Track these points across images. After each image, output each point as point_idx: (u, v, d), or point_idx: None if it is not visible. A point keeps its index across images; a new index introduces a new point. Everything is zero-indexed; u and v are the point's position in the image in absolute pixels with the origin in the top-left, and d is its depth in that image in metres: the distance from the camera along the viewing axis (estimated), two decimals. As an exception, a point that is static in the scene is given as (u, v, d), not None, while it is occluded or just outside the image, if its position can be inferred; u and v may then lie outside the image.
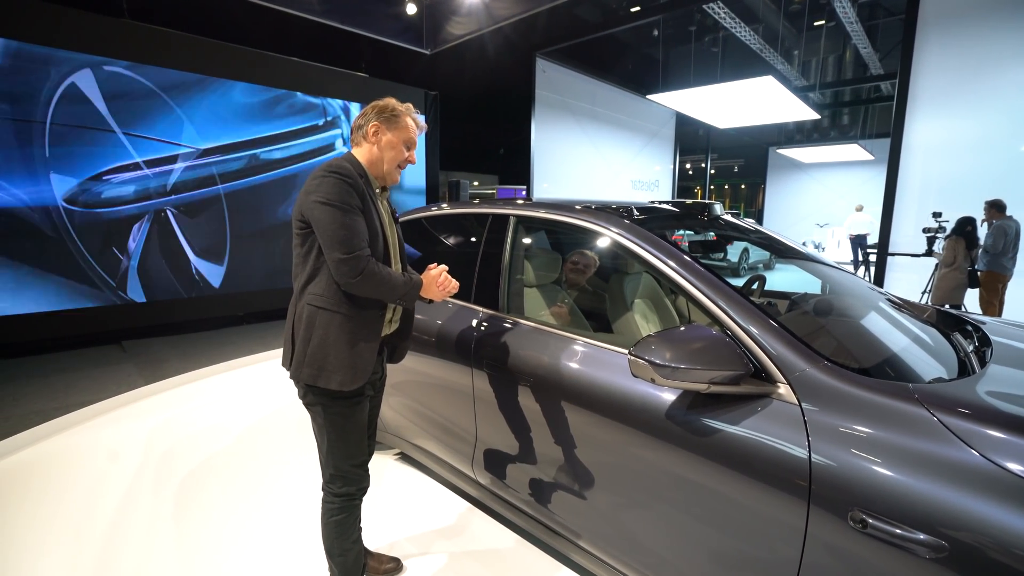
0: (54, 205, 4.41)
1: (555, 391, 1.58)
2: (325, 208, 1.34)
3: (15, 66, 4.14)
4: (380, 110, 1.48)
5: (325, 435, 1.47)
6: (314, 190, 1.36)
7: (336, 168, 1.38)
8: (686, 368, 1.17)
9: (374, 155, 1.49)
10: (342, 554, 1.53)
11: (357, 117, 1.52)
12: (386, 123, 1.48)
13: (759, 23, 11.20)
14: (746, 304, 1.34)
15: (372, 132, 1.47)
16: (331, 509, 1.51)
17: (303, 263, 1.43)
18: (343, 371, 1.40)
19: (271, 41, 5.98)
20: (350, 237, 1.34)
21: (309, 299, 1.41)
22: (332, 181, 1.36)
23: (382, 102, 1.50)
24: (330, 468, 1.49)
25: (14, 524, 2.09)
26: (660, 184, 11.20)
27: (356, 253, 1.34)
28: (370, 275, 1.36)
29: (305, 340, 1.40)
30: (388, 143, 1.48)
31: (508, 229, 1.94)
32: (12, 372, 3.95)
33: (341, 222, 1.34)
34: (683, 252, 1.50)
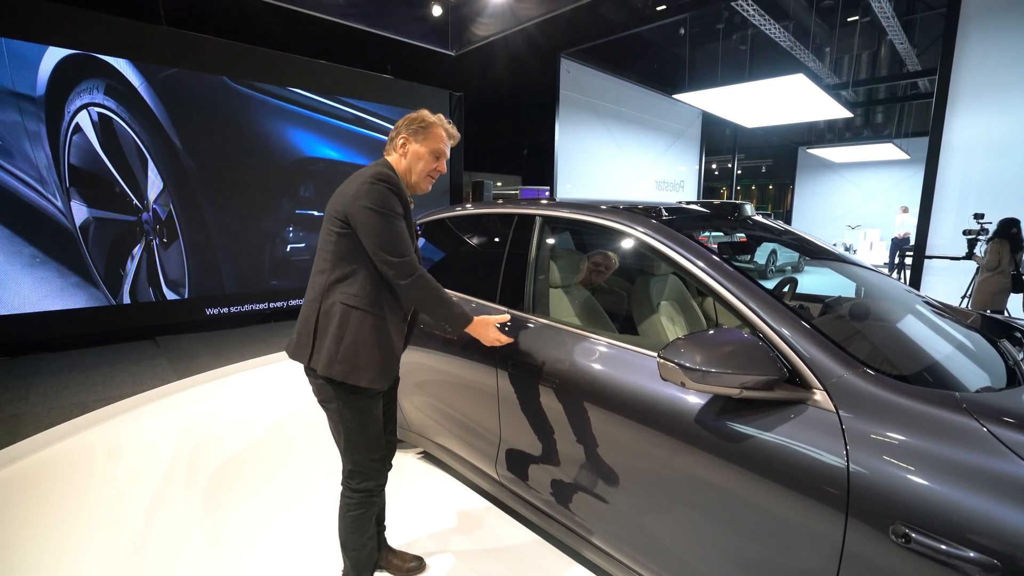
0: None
1: (580, 393, 1.57)
2: (374, 214, 1.39)
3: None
4: (410, 121, 1.52)
5: (344, 432, 1.49)
6: (363, 195, 1.40)
7: (384, 177, 1.43)
8: (717, 372, 1.14)
9: (403, 166, 1.53)
10: (357, 549, 1.56)
11: (393, 128, 1.57)
12: (414, 134, 1.52)
13: (789, 20, 10.92)
14: (780, 307, 1.30)
15: (401, 144, 1.52)
16: (349, 504, 1.54)
17: (338, 261, 1.45)
18: (373, 369, 1.44)
19: (300, 45, 6.11)
20: (400, 242, 1.41)
21: (343, 297, 1.43)
22: (381, 189, 1.41)
23: (415, 113, 1.54)
24: (349, 464, 1.53)
25: (57, 510, 2.17)
26: (685, 185, 11.03)
27: (408, 257, 1.42)
28: (423, 280, 1.43)
29: (337, 338, 1.42)
30: (415, 153, 1.52)
31: (534, 229, 1.93)
32: (58, 365, 4.13)
33: (392, 227, 1.40)
34: (713, 253, 1.47)
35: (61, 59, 4.32)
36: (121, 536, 2.01)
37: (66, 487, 2.37)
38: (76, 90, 4.42)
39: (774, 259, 9.68)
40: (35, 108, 4.23)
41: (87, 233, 4.57)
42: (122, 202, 4.75)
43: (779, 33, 9.79)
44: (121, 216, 4.76)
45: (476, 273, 2.23)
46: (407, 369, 2.35)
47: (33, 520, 2.11)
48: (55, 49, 4.29)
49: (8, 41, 4.08)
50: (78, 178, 4.48)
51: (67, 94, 4.38)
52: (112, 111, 4.63)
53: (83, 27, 4.41)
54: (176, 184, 5.05)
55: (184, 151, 5.06)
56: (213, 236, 5.33)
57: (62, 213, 4.42)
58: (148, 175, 4.88)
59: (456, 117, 7.54)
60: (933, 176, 5.01)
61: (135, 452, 2.72)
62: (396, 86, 6.85)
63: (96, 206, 4.60)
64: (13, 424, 3.01)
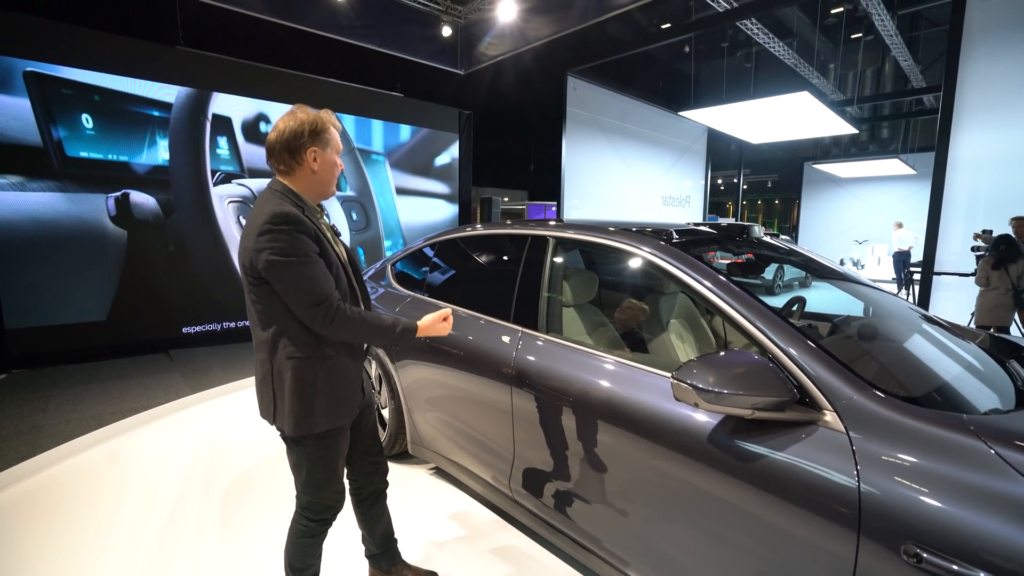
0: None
1: (594, 411, 1.60)
2: (282, 265, 1.27)
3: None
4: (313, 132, 1.36)
5: (307, 471, 1.44)
6: (266, 246, 1.27)
7: (283, 218, 1.29)
8: (729, 393, 1.17)
9: (312, 180, 1.40)
10: (303, 569, 1.53)
11: (276, 135, 1.36)
12: (321, 144, 1.38)
13: (793, 37, 11.06)
14: (789, 328, 1.34)
15: (312, 159, 1.37)
16: (303, 531, 1.50)
17: (270, 317, 1.36)
18: (331, 411, 1.40)
19: (313, 64, 6.28)
20: (314, 288, 1.30)
21: (289, 352, 1.36)
22: (286, 235, 1.28)
23: (309, 120, 1.36)
24: (308, 498, 1.48)
25: (76, 522, 2.21)
26: (691, 200, 11.08)
27: (323, 303, 1.30)
28: (343, 320, 1.33)
29: (297, 395, 1.36)
30: (326, 162, 1.40)
31: (547, 250, 1.99)
32: (75, 377, 4.21)
33: (303, 275, 1.29)
34: (724, 275, 1.51)
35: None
36: (139, 547, 2.04)
37: (85, 499, 2.41)
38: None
39: (781, 275, 9.68)
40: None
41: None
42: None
43: (783, 51, 9.91)
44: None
45: (489, 292, 2.28)
46: (419, 385, 2.39)
47: (55, 530, 2.15)
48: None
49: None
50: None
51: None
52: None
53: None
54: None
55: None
56: (225, 248, 5.43)
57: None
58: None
59: (466, 134, 7.68)
60: (940, 191, 5.03)
61: (151, 465, 2.76)
62: (406, 104, 6.99)
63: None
64: (33, 435, 3.06)
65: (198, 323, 5.34)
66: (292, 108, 1.40)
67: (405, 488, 2.49)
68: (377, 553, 1.77)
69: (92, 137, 4.56)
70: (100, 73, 4.57)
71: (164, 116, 4.94)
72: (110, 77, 4.62)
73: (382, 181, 6.81)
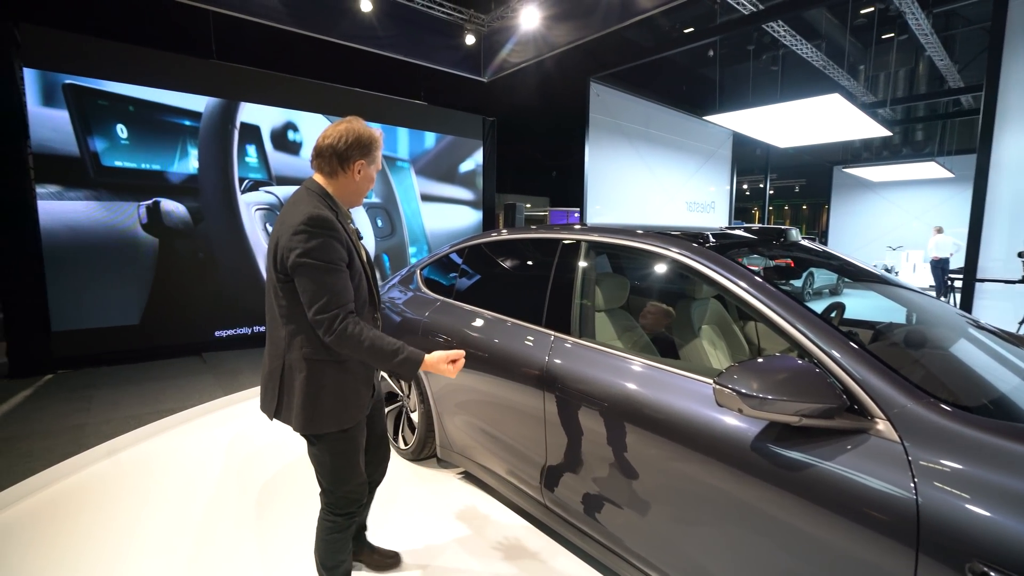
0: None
1: (630, 417, 1.58)
2: (308, 268, 1.31)
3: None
4: (364, 146, 1.43)
5: (328, 467, 1.49)
6: (298, 246, 1.31)
7: (320, 223, 1.33)
8: (774, 399, 1.14)
9: (351, 188, 1.47)
10: (336, 565, 1.58)
11: (328, 140, 1.42)
12: (369, 159, 1.46)
13: (821, 39, 10.84)
14: (836, 334, 1.29)
15: (357, 170, 1.45)
16: (331, 528, 1.54)
17: (290, 315, 1.40)
18: (340, 413, 1.44)
19: (340, 74, 6.42)
20: (328, 295, 1.32)
21: (306, 352, 1.40)
22: (322, 240, 1.32)
23: (363, 133, 1.43)
24: (333, 493, 1.53)
25: (118, 517, 2.28)
26: (716, 205, 10.91)
27: (330, 312, 1.32)
28: (343, 335, 1.33)
29: (307, 395, 1.40)
30: (367, 177, 1.48)
31: (579, 254, 1.97)
32: (115, 378, 4.36)
33: (322, 282, 1.32)
34: (765, 279, 1.48)
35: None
36: (178, 543, 2.09)
37: (126, 496, 2.48)
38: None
39: (811, 281, 9.43)
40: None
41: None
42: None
43: (811, 53, 9.72)
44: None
45: (520, 296, 2.27)
46: (449, 389, 2.40)
47: (100, 525, 2.21)
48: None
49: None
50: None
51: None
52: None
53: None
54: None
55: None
56: (252, 256, 5.56)
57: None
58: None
59: (489, 141, 7.73)
60: (982, 195, 4.83)
61: (187, 465, 2.82)
62: (431, 112, 7.08)
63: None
64: (77, 433, 3.18)
65: (229, 327, 5.47)
66: (348, 118, 1.46)
67: (434, 492, 2.49)
68: (355, 535, 1.84)
69: (126, 147, 4.74)
70: (137, 86, 4.76)
71: (194, 125, 5.11)
72: (145, 89, 4.80)
73: (407, 188, 6.90)
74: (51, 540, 2.13)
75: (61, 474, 2.68)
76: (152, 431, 3.26)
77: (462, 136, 7.42)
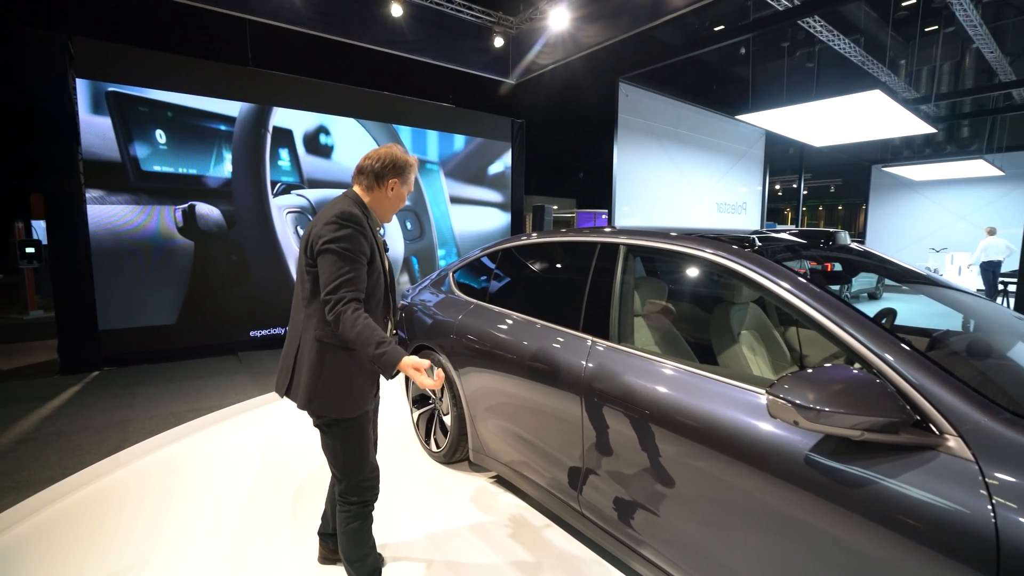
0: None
1: (672, 425, 1.53)
2: (333, 252, 1.46)
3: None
4: (399, 167, 1.62)
5: (339, 454, 1.60)
6: (328, 235, 1.47)
7: (350, 218, 1.50)
8: (832, 411, 1.09)
9: (384, 202, 1.65)
10: (360, 559, 1.64)
11: (370, 160, 1.62)
12: (402, 179, 1.64)
13: (859, 34, 10.47)
14: (898, 343, 1.23)
15: (390, 187, 1.63)
16: (347, 518, 1.62)
17: (311, 298, 1.53)
18: (343, 400, 1.53)
19: (370, 78, 6.53)
20: (341, 278, 1.44)
21: (317, 334, 1.52)
22: (347, 231, 1.48)
23: (400, 157, 1.62)
24: (347, 482, 1.61)
25: (161, 512, 2.35)
26: (748, 207, 10.64)
27: (338, 293, 1.43)
28: (342, 316, 1.42)
29: (314, 375, 1.51)
30: (399, 195, 1.67)
31: (618, 258, 1.94)
32: (156, 376, 4.52)
33: (339, 267, 1.45)
34: (818, 285, 1.42)
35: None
36: (218, 539, 2.14)
37: (168, 491, 2.55)
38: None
39: (848, 285, 9.09)
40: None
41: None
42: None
43: (849, 48, 9.40)
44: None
45: (556, 300, 2.25)
46: (483, 392, 2.39)
47: (144, 518, 2.29)
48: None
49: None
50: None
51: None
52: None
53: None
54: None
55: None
56: (284, 258, 5.69)
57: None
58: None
59: (518, 143, 7.73)
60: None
61: (226, 462, 2.89)
62: (460, 114, 7.12)
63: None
64: (122, 429, 3.30)
65: (264, 327, 5.61)
66: (389, 145, 1.68)
67: (466, 495, 2.48)
68: (330, 534, 1.91)
69: (164, 152, 4.91)
70: (176, 93, 4.93)
71: (229, 130, 5.26)
72: (183, 95, 4.97)
73: (436, 190, 6.95)
74: (99, 531, 2.20)
75: (108, 468, 2.78)
76: (192, 428, 3.36)
77: (491, 138, 7.44)
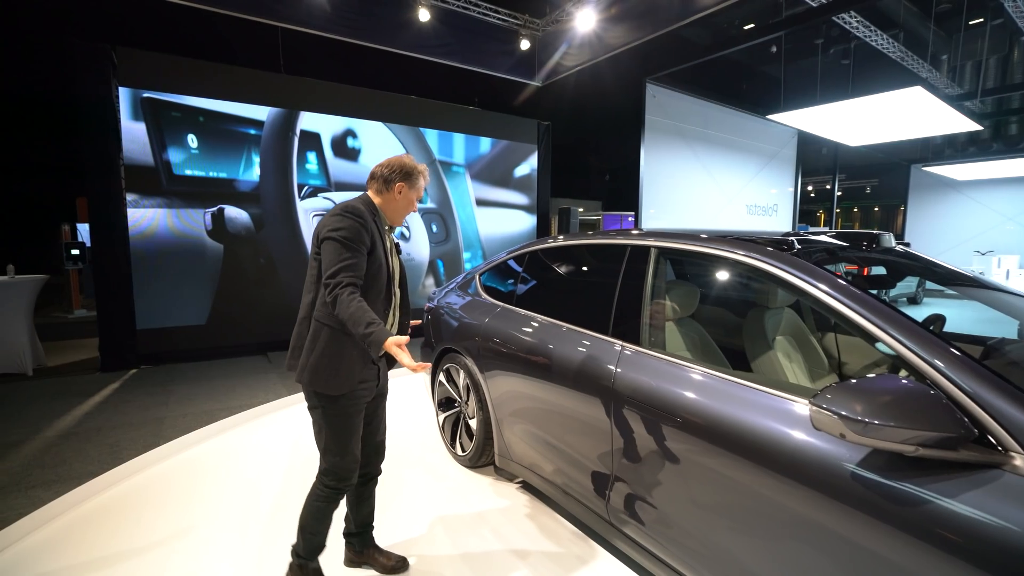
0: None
1: (707, 435, 1.48)
2: (334, 240, 1.57)
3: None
4: (406, 173, 1.74)
5: (323, 436, 1.68)
6: (331, 224, 1.59)
7: (352, 209, 1.63)
8: (881, 424, 1.02)
9: (393, 205, 1.76)
10: (313, 533, 1.75)
11: (380, 167, 1.75)
12: (409, 184, 1.75)
13: (898, 29, 10.07)
14: (954, 353, 1.15)
15: (398, 191, 1.75)
16: (319, 495, 1.72)
17: (313, 284, 1.67)
18: (330, 376, 1.61)
19: (394, 82, 6.61)
20: (341, 264, 1.55)
21: (317, 315, 1.65)
22: (348, 221, 1.60)
23: (408, 164, 1.75)
24: (325, 464, 1.70)
25: (189, 509, 2.40)
26: (779, 208, 10.36)
27: (336, 279, 1.53)
28: (339, 299, 1.52)
29: (310, 351, 1.63)
30: (407, 199, 1.78)
31: (649, 261, 1.89)
32: (190, 375, 4.65)
33: (340, 253, 1.56)
34: (865, 290, 1.34)
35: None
36: (247, 537, 2.17)
37: (200, 489, 2.61)
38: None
39: (888, 290, 8.74)
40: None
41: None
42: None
43: (887, 43, 9.06)
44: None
45: (584, 304, 2.21)
46: (510, 396, 2.36)
47: (177, 514, 2.34)
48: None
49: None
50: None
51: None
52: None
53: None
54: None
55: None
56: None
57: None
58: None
59: (544, 146, 7.71)
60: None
61: (254, 461, 2.94)
62: (486, 117, 7.14)
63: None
64: (156, 427, 3.40)
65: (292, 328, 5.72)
66: (402, 154, 1.82)
67: (491, 501, 2.46)
68: (353, 533, 1.94)
69: (195, 156, 5.06)
70: (207, 99, 5.07)
71: (258, 134, 5.38)
72: (214, 100, 5.10)
73: (462, 193, 6.98)
74: (132, 526, 2.26)
75: (143, 465, 2.86)
76: (223, 427, 3.43)
77: (517, 141, 7.44)
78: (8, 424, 3.45)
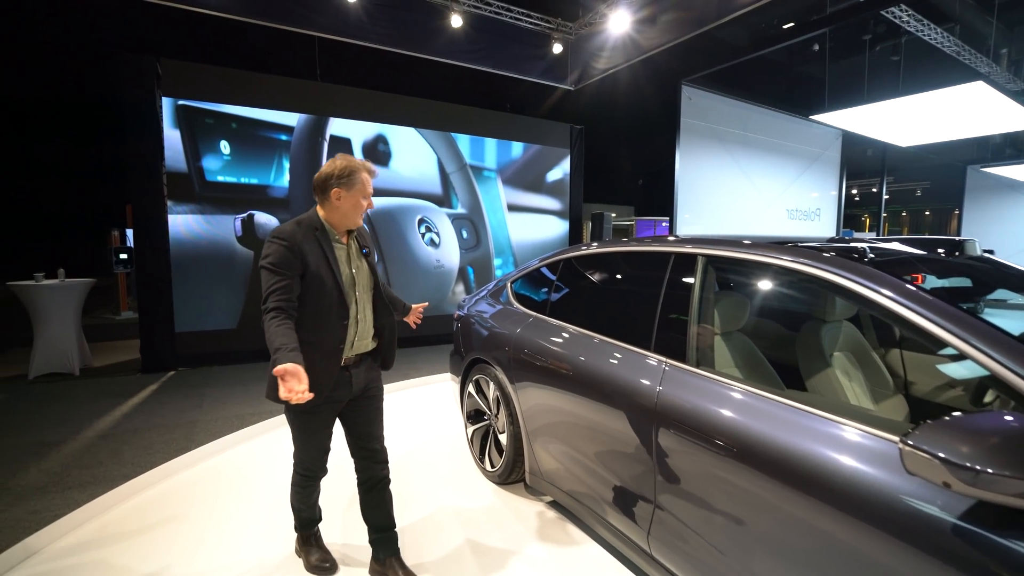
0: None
1: (765, 467, 1.32)
2: (263, 267, 1.63)
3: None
4: (338, 176, 1.67)
5: (292, 433, 1.81)
6: (262, 252, 1.66)
7: (278, 234, 1.64)
8: (996, 473, 0.86)
9: (336, 213, 1.71)
10: (297, 509, 1.96)
11: (315, 177, 1.70)
12: (345, 187, 1.68)
13: (953, 22, 9.50)
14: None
15: (336, 197, 1.68)
16: (293, 480, 1.91)
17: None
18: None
19: (426, 87, 6.62)
20: (266, 292, 1.60)
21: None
22: (274, 247, 1.62)
23: (338, 166, 1.67)
24: (295, 454, 1.85)
25: (217, 515, 2.37)
26: (822, 213, 9.90)
27: (264, 305, 1.60)
28: (265, 324, 1.56)
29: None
30: (350, 203, 1.70)
31: (696, 270, 1.74)
32: (223, 378, 4.72)
33: (267, 280, 1.61)
34: (960, 307, 1.17)
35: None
36: (273, 544, 2.11)
37: (226, 494, 2.58)
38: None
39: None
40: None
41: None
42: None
43: (941, 38, 8.55)
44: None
45: (622, 316, 2.07)
46: (541, 411, 2.25)
47: (208, 518, 2.31)
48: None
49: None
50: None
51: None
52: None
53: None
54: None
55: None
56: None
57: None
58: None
59: (577, 150, 7.58)
60: None
61: (283, 467, 2.90)
62: (516, 121, 7.07)
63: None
64: (190, 429, 3.43)
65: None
66: (334, 156, 1.74)
67: (520, 521, 2.34)
68: (375, 539, 1.93)
69: (227, 162, 5.14)
70: (248, 107, 5.17)
71: (289, 140, 5.44)
72: (248, 108, 5.19)
73: (493, 198, 6.90)
74: (161, 530, 2.25)
75: (175, 469, 2.88)
76: (253, 433, 3.42)
77: (549, 145, 7.33)
78: (52, 423, 3.54)
